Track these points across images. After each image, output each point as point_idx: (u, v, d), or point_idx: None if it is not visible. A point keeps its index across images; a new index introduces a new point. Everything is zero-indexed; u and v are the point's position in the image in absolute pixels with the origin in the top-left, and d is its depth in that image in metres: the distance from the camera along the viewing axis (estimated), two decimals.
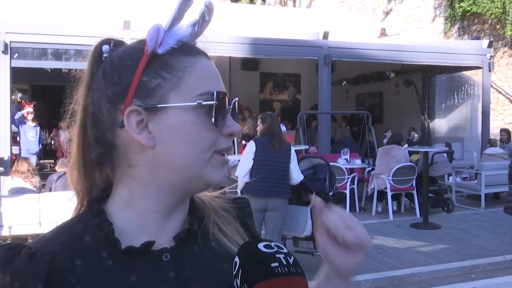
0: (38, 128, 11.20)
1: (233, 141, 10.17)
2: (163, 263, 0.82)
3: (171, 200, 0.85)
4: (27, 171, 7.12)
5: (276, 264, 0.72)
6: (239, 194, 4.87)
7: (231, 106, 0.85)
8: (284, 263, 0.72)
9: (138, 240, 0.82)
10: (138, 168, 0.83)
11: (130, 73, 0.81)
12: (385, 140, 11.92)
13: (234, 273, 0.74)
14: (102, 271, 0.79)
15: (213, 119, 0.81)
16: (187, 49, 0.84)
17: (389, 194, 9.06)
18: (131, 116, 0.80)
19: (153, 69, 0.81)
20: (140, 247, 0.81)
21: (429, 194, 8.87)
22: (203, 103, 0.81)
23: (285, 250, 0.75)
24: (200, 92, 0.81)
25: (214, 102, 0.81)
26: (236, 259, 0.75)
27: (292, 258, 0.74)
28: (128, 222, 0.84)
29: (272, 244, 0.76)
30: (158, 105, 0.80)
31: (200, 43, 0.88)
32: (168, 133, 0.81)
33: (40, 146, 11.38)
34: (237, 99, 0.87)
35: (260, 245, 0.75)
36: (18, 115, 10.52)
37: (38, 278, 0.76)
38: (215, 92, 0.81)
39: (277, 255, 0.73)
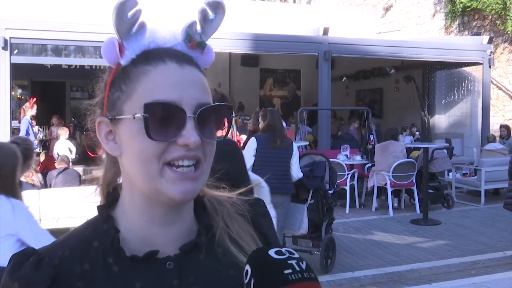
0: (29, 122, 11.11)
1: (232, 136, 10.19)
2: (167, 271, 0.82)
3: (159, 212, 0.83)
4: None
5: (290, 270, 0.71)
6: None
7: (195, 116, 0.78)
8: (297, 269, 0.72)
9: (141, 248, 0.83)
10: (123, 177, 0.87)
11: (105, 87, 0.86)
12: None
13: (246, 282, 0.73)
14: (108, 277, 0.81)
15: (145, 131, 0.77)
16: (149, 57, 0.82)
17: (389, 190, 9.06)
18: (101, 126, 0.85)
19: (117, 81, 0.84)
20: (143, 256, 0.82)
21: (429, 190, 8.87)
22: (136, 115, 0.79)
23: (296, 256, 0.74)
24: (146, 102, 0.78)
25: (142, 114, 0.77)
26: (247, 267, 0.74)
27: (304, 263, 0.73)
28: (128, 232, 0.85)
29: (283, 250, 0.74)
30: (116, 117, 0.82)
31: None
32: (125, 144, 0.82)
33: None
34: (206, 107, 0.80)
35: (271, 252, 0.74)
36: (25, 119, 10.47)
37: (43, 283, 0.79)
38: (143, 105, 0.78)
39: (289, 261, 0.72)
